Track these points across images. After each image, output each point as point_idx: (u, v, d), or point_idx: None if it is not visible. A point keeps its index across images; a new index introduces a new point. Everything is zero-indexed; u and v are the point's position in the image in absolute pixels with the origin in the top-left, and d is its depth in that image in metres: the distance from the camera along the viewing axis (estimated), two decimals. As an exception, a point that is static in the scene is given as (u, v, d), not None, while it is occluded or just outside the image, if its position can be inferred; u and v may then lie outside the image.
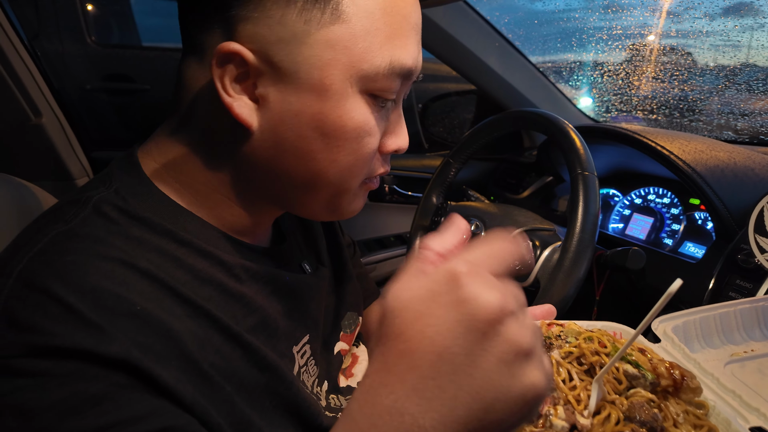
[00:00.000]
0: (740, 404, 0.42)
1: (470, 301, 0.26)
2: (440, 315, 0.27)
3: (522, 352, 0.27)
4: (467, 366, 0.26)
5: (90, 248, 0.36)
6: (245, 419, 0.39)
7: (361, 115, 0.41)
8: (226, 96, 0.39)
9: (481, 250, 0.29)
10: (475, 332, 0.26)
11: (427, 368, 0.26)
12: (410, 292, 0.28)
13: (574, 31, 2.00)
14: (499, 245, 0.29)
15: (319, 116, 0.40)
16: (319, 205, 0.46)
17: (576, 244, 0.69)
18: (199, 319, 0.39)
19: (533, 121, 0.86)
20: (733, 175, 0.85)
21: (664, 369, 0.41)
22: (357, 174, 0.44)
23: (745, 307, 0.56)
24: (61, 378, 0.31)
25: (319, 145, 0.41)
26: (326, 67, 0.39)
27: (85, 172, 1.02)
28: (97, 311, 0.32)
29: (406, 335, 0.27)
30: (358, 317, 0.65)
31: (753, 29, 1.32)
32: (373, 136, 0.43)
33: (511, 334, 0.26)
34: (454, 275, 0.27)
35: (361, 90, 0.41)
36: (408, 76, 0.43)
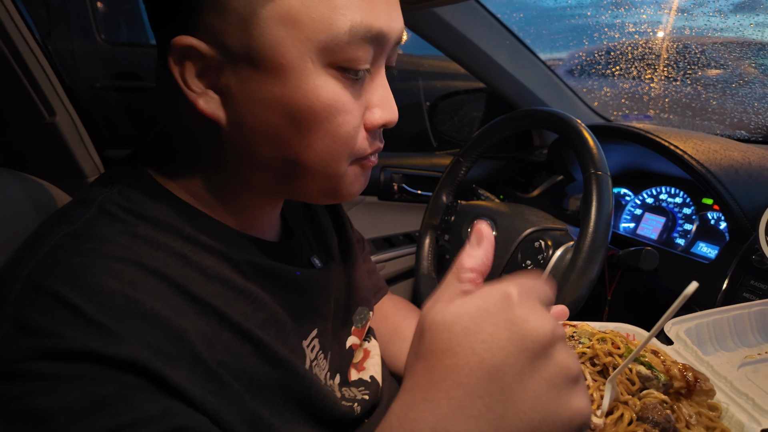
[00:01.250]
0: (753, 407, 0.42)
1: (523, 321, 0.27)
2: (492, 333, 0.27)
3: (571, 377, 0.27)
4: (516, 386, 0.26)
5: (97, 248, 0.36)
6: (256, 416, 0.39)
7: (329, 91, 0.38)
8: (189, 92, 0.38)
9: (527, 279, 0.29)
10: (526, 353, 0.26)
11: (476, 386, 0.26)
12: (460, 309, 0.28)
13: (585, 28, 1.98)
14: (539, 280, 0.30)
15: (282, 100, 0.38)
16: (314, 191, 0.44)
17: (589, 245, 0.69)
18: (207, 316, 0.39)
19: (546, 119, 0.86)
20: (747, 175, 0.84)
21: (677, 371, 0.41)
22: (339, 156, 0.41)
23: (759, 309, 0.56)
24: (72, 381, 0.31)
25: (290, 131, 0.39)
26: (279, 45, 0.36)
27: (97, 170, 1.03)
28: (106, 313, 0.33)
29: (455, 351, 0.27)
30: (369, 312, 0.65)
31: (766, 26, 1.30)
32: (348, 113, 0.40)
33: (562, 359, 0.27)
34: (507, 295, 0.28)
35: (325, 64, 0.38)
36: (380, 41, 0.39)
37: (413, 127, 1.73)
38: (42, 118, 0.90)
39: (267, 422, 0.40)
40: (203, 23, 0.36)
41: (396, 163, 1.37)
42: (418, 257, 1.04)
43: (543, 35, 1.75)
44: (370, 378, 0.59)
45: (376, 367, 0.62)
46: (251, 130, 0.40)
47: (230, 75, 0.38)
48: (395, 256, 1.32)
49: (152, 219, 0.40)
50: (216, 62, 0.37)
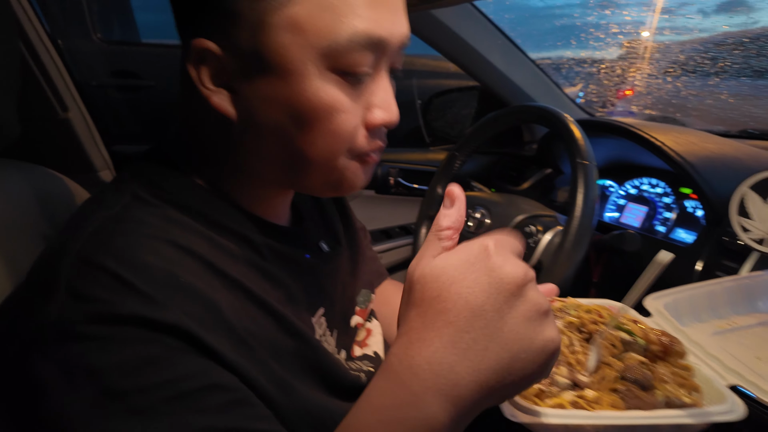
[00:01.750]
0: (721, 367, 0.47)
1: (499, 268, 0.32)
2: (474, 279, 0.32)
3: (542, 311, 0.32)
4: (497, 321, 0.31)
5: (136, 229, 0.40)
6: (280, 378, 0.43)
7: (330, 94, 0.41)
8: (204, 90, 0.42)
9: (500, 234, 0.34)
10: (504, 293, 0.31)
11: (463, 323, 0.31)
12: (444, 261, 0.34)
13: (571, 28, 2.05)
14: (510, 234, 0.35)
15: (287, 100, 0.41)
16: (318, 184, 0.47)
17: (576, 228, 0.75)
18: (235, 291, 0.42)
19: (536, 114, 0.91)
20: (722, 165, 0.91)
21: (654, 336, 0.46)
22: (339, 153, 0.44)
23: (730, 285, 0.61)
24: (123, 341, 0.34)
25: (294, 129, 0.42)
26: (285, 50, 0.39)
27: (106, 164, 1.06)
28: (149, 284, 0.36)
29: (443, 296, 0.32)
30: (371, 294, 0.70)
31: (746, 26, 1.37)
32: (348, 113, 0.42)
33: (533, 296, 0.32)
34: (485, 247, 0.33)
35: (327, 68, 0.40)
36: (380, 47, 0.41)
37: (407, 124, 1.78)
38: (56, 113, 0.94)
39: (290, 384, 0.44)
40: (219, 28, 0.40)
41: (392, 158, 1.42)
42: (415, 246, 1.09)
43: (532, 35, 1.81)
44: (374, 353, 0.64)
45: (379, 345, 0.66)
46: (259, 126, 0.43)
47: (241, 75, 0.41)
48: (392, 247, 1.37)
49: (181, 205, 0.44)
50: (228, 63, 0.41)
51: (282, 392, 0.43)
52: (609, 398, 0.41)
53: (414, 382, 0.32)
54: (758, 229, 0.61)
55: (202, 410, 0.35)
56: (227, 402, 0.37)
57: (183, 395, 0.35)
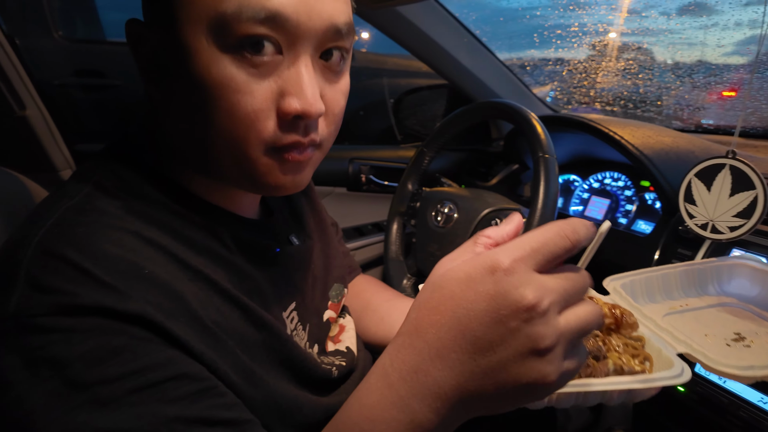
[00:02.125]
0: (671, 338, 0.50)
1: (502, 296, 0.30)
2: (472, 301, 0.31)
3: (538, 350, 0.30)
4: (486, 350, 0.31)
5: (97, 220, 0.39)
6: (248, 368, 0.43)
7: (221, 70, 0.38)
8: (143, 72, 0.43)
9: (528, 243, 0.31)
10: (500, 325, 0.30)
11: (451, 342, 0.32)
12: (451, 273, 0.33)
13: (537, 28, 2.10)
14: (547, 237, 0.32)
15: (186, 76, 0.40)
16: (235, 176, 0.45)
17: (538, 220, 0.77)
18: (199, 282, 0.42)
19: (500, 110, 0.94)
20: (676, 157, 0.95)
21: (607, 309, 0.48)
22: (244, 139, 0.41)
23: (683, 269, 0.64)
24: (86, 332, 0.34)
25: (192, 107, 0.41)
26: (180, 24, 0.39)
27: (68, 164, 1.04)
28: (111, 274, 0.36)
29: (440, 309, 0.33)
30: (344, 289, 0.70)
31: (706, 27, 1.43)
32: (246, 94, 0.39)
33: (533, 333, 0.30)
34: (493, 267, 0.31)
35: (221, 43, 0.38)
36: (281, 24, 0.38)
37: (379, 122, 1.80)
38: (12, 111, 0.91)
39: (258, 375, 0.44)
40: (147, 10, 0.42)
41: (363, 155, 1.43)
42: (386, 242, 1.10)
43: (499, 35, 1.85)
44: (346, 348, 0.64)
45: (351, 340, 0.67)
46: (175, 108, 0.43)
47: (162, 54, 0.42)
48: (365, 244, 1.38)
49: (143, 196, 0.44)
50: (155, 44, 0.42)
51: (249, 383, 0.43)
52: None
53: (401, 386, 0.34)
54: (701, 215, 0.64)
55: (170, 400, 0.35)
56: (196, 391, 0.37)
57: (150, 385, 0.35)
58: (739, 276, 0.63)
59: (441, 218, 1.00)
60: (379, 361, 0.37)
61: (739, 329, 0.54)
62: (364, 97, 2.05)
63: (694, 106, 1.35)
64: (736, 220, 0.60)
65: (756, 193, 0.58)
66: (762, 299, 0.59)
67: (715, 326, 0.55)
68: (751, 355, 0.49)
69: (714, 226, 0.62)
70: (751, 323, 0.55)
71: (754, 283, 0.61)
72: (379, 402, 0.35)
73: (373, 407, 0.35)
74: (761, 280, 0.60)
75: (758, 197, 0.57)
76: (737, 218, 0.60)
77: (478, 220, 0.91)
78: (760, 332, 0.53)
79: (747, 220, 0.59)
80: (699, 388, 0.72)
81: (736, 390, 0.68)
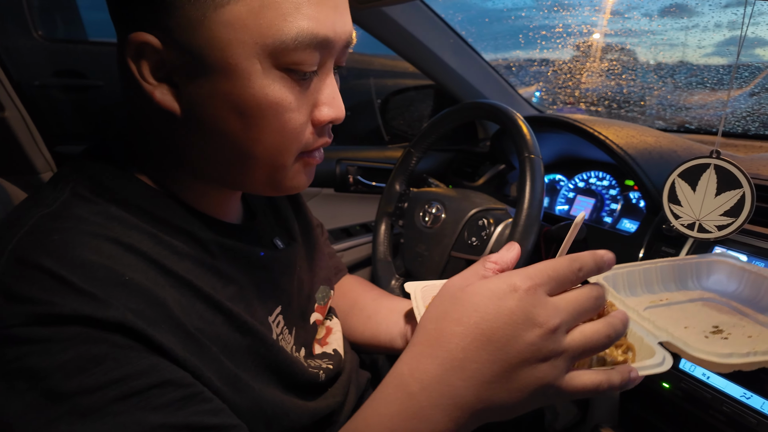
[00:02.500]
0: (653, 328, 0.51)
1: (521, 312, 0.34)
2: (495, 314, 0.35)
3: (543, 358, 0.35)
4: (503, 361, 0.35)
5: (74, 227, 0.38)
6: (232, 374, 0.43)
7: (276, 91, 0.41)
8: (146, 85, 0.41)
9: (545, 270, 0.36)
10: (516, 338, 0.34)
11: (473, 352, 0.35)
12: (475, 288, 0.37)
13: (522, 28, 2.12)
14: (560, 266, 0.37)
15: (231, 97, 0.40)
16: (259, 183, 0.47)
17: (524, 219, 0.77)
18: (181, 288, 0.42)
19: (486, 110, 0.94)
20: (659, 157, 0.97)
21: None
22: (287, 150, 0.44)
23: (664, 265, 0.65)
24: (65, 342, 0.33)
25: (239, 125, 0.41)
26: (228, 47, 0.38)
27: (48, 166, 1.02)
28: (90, 282, 0.35)
29: (462, 321, 0.36)
30: (330, 290, 0.70)
31: (687, 28, 1.46)
32: (295, 111, 0.42)
33: (543, 347, 0.35)
34: (514, 287, 0.35)
35: (273, 65, 0.40)
36: (326, 46, 0.42)
37: (366, 122, 1.79)
38: (-10, 113, 0.89)
39: (243, 381, 0.44)
40: (158, 21, 0.39)
41: (351, 156, 1.43)
42: (374, 243, 1.10)
43: (484, 35, 1.86)
44: (333, 351, 0.64)
45: (339, 342, 0.67)
46: (203, 123, 0.42)
47: (182, 70, 0.40)
48: (353, 245, 1.38)
49: (123, 202, 0.43)
50: (169, 58, 0.40)
51: (234, 389, 0.43)
52: None
53: (422, 396, 0.36)
54: (687, 215, 0.65)
55: (154, 408, 0.35)
56: (180, 398, 0.36)
57: (133, 393, 0.34)
58: (717, 272, 0.64)
59: (429, 218, 1.00)
60: (394, 371, 0.38)
61: (717, 323, 0.55)
62: (351, 98, 2.05)
63: (677, 106, 1.37)
64: (724, 219, 0.61)
65: (743, 192, 0.59)
66: (739, 295, 0.61)
67: (694, 319, 0.56)
68: (729, 346, 0.50)
69: (701, 226, 0.63)
70: (729, 317, 0.57)
71: (732, 280, 0.62)
72: (399, 413, 0.36)
73: (392, 417, 0.37)
74: (739, 277, 0.62)
75: (745, 195, 0.58)
76: (725, 217, 0.61)
77: (465, 220, 0.91)
78: (737, 325, 0.54)
79: (735, 218, 0.60)
80: (683, 384, 0.73)
81: (719, 385, 0.69)
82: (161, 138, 0.46)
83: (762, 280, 0.59)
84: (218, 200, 0.51)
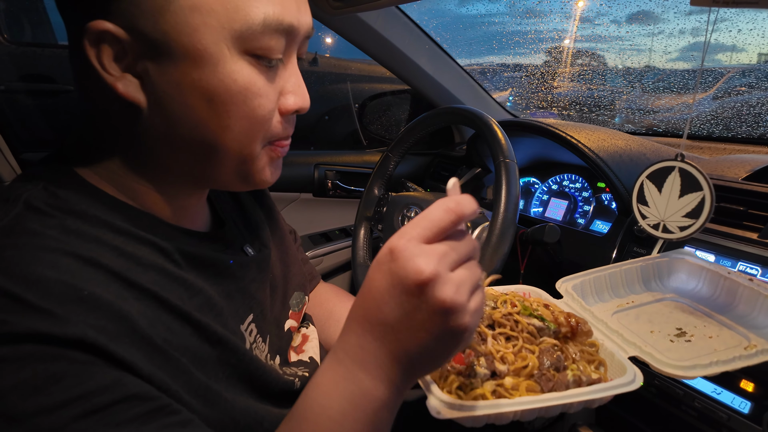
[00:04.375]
0: (622, 341, 0.52)
1: (400, 270, 0.35)
2: (379, 280, 0.36)
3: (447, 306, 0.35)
4: (404, 318, 0.36)
5: (29, 242, 0.36)
6: (203, 386, 0.42)
7: (245, 76, 0.41)
8: (108, 76, 0.39)
9: (418, 223, 0.36)
10: (407, 294, 0.35)
11: (375, 318, 0.37)
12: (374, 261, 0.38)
13: (495, 35, 2.16)
14: (434, 214, 0.36)
15: (199, 83, 0.39)
16: (228, 176, 0.46)
17: (501, 223, 0.79)
18: (146, 300, 0.40)
19: (462, 116, 0.95)
20: (629, 159, 1.00)
21: (563, 319, 0.50)
22: (254, 138, 0.44)
23: (627, 267, 0.67)
24: (20, 361, 0.32)
25: (208, 113, 0.41)
26: (195, 32, 0.38)
27: (15, 173, 0.99)
28: (46, 299, 0.33)
29: (362, 295, 0.38)
30: (305, 297, 0.69)
31: (653, 35, 1.51)
32: (263, 97, 0.42)
33: (438, 293, 0.34)
34: (391, 249, 0.36)
35: (240, 51, 0.40)
36: (291, 33, 0.43)
37: (344, 126, 1.80)
38: (-48, 120, 0.86)
39: (215, 393, 0.43)
40: (118, 8, 0.37)
41: (329, 160, 1.42)
42: (354, 247, 1.10)
43: (459, 41, 1.89)
44: (309, 359, 0.63)
45: (315, 350, 0.66)
46: (171, 112, 0.41)
47: (146, 59, 0.39)
48: (332, 250, 1.37)
49: (80, 213, 0.41)
50: (132, 46, 0.38)
51: (205, 402, 0.42)
52: (526, 383, 0.45)
53: (346, 360, 0.39)
54: (653, 216, 0.67)
55: (119, 423, 0.34)
56: (147, 412, 0.35)
57: (96, 410, 0.33)
58: (677, 271, 0.66)
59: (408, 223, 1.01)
60: (332, 350, 0.41)
61: (680, 324, 0.58)
62: (329, 102, 2.05)
63: (645, 109, 1.42)
64: (686, 220, 0.64)
65: (703, 194, 0.61)
66: (697, 293, 0.64)
67: (659, 322, 0.59)
68: (692, 351, 0.53)
69: (665, 226, 0.65)
70: (690, 317, 0.59)
71: (691, 277, 0.65)
72: (331, 378, 0.39)
73: (326, 384, 0.39)
74: (697, 275, 0.64)
75: (705, 198, 0.61)
76: (686, 218, 0.64)
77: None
78: (698, 326, 0.57)
79: (696, 219, 0.62)
80: (656, 382, 0.75)
81: (691, 382, 0.71)
82: (122, 136, 0.44)
83: (718, 277, 0.61)
84: (183, 207, 0.50)
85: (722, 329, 0.56)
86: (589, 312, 0.57)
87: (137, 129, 0.43)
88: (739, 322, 0.56)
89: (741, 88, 1.10)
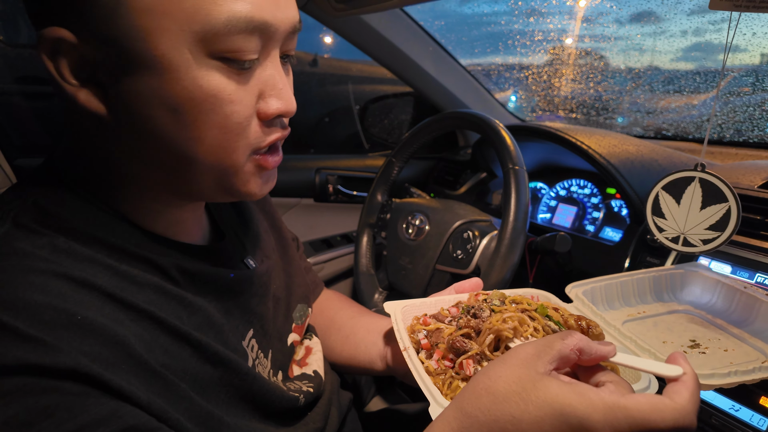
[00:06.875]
0: (635, 347, 0.50)
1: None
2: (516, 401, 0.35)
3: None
4: None
5: (17, 264, 0.34)
6: (204, 412, 0.40)
7: (212, 82, 0.37)
8: (67, 86, 0.37)
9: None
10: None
11: None
12: (539, 400, 0.35)
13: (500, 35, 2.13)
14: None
15: (161, 92, 0.36)
16: (208, 189, 0.43)
17: (510, 232, 0.76)
18: (143, 322, 0.38)
19: (468, 121, 0.92)
20: (641, 166, 0.97)
21: (573, 321, 0.48)
22: (232, 149, 0.40)
23: (640, 277, 0.65)
24: (8, 395, 0.30)
25: (174, 125, 0.38)
26: (150, 36, 0.34)
27: (9, 180, 0.95)
28: (36, 326, 0.32)
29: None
30: (308, 308, 0.67)
31: (656, 35, 1.48)
32: (237, 104, 0.38)
33: None
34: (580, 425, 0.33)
35: (205, 54, 0.36)
36: (266, 31, 0.38)
37: (345, 129, 1.77)
38: (-59, 126, 0.83)
39: (216, 417, 0.41)
40: (72, 13, 0.35)
41: (330, 164, 1.39)
42: (356, 255, 1.07)
43: (462, 42, 1.86)
44: (313, 372, 0.61)
45: (319, 362, 0.64)
46: (134, 125, 0.38)
47: (105, 68, 0.36)
48: (334, 256, 1.34)
49: (71, 231, 0.39)
50: (89, 54, 0.36)
51: (207, 428, 0.40)
52: None
53: None
54: (672, 228, 0.64)
55: None
56: None
57: None
58: (691, 284, 0.64)
59: (412, 230, 0.98)
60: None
61: (694, 336, 0.55)
62: (330, 104, 2.02)
63: (653, 111, 1.39)
64: (710, 233, 0.61)
65: (729, 206, 0.58)
66: (712, 306, 0.61)
67: (672, 333, 0.56)
68: (707, 363, 0.50)
69: (686, 239, 0.62)
70: (705, 330, 0.57)
71: (705, 291, 0.62)
72: None
73: None
74: (712, 289, 0.62)
75: (731, 209, 0.58)
76: (710, 231, 0.61)
77: (450, 232, 0.89)
78: (713, 338, 0.54)
79: (721, 232, 0.59)
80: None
81: (708, 398, 0.68)
82: (95, 147, 0.41)
83: (734, 292, 0.59)
84: (177, 220, 0.47)
85: (738, 343, 0.53)
86: (600, 317, 0.54)
87: (106, 142, 0.40)
88: (756, 336, 0.53)
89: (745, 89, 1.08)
